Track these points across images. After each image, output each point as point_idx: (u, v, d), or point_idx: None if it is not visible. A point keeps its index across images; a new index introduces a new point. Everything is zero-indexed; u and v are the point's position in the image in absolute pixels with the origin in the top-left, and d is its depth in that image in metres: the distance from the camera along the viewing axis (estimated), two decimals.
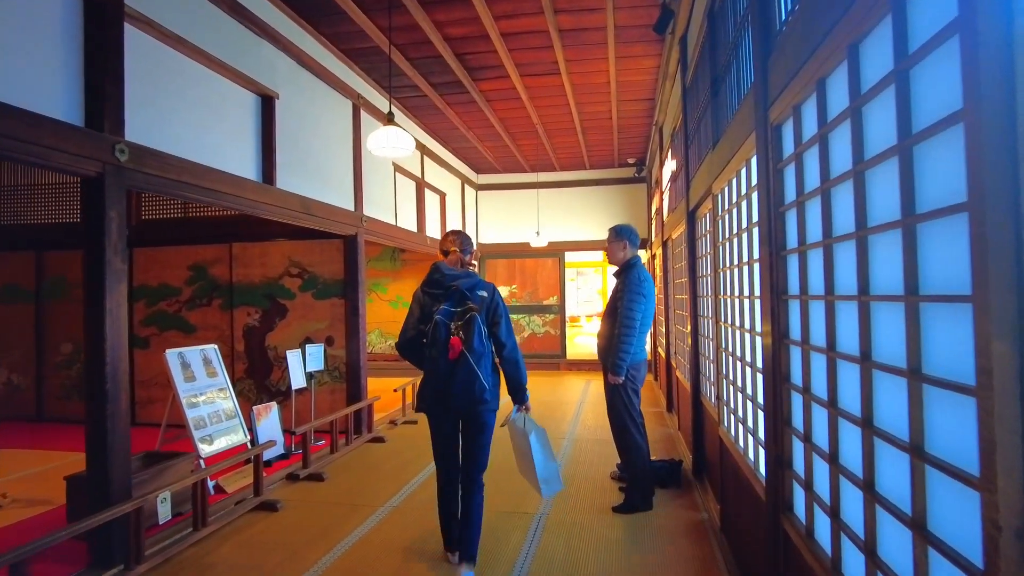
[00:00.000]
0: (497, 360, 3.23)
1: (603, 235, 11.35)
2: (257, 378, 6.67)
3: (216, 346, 5.09)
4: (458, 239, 3.40)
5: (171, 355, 4.60)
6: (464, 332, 3.03)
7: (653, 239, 9.67)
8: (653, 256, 9.45)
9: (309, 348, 5.95)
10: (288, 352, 5.63)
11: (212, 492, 4.43)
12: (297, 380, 5.71)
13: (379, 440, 6.16)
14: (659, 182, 8.37)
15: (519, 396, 3.26)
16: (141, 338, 7.01)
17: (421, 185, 8.68)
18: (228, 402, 4.98)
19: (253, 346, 6.69)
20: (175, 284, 6.94)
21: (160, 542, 3.56)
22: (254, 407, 5.25)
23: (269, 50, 5.01)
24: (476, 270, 3.51)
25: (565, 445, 5.90)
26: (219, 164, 4.33)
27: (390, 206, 7.55)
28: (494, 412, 3.20)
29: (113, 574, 3.19)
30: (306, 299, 6.55)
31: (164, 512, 3.28)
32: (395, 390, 7.45)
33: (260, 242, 6.74)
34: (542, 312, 11.56)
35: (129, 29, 3.59)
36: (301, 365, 5.83)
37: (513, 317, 11.50)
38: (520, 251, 11.51)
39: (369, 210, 6.73)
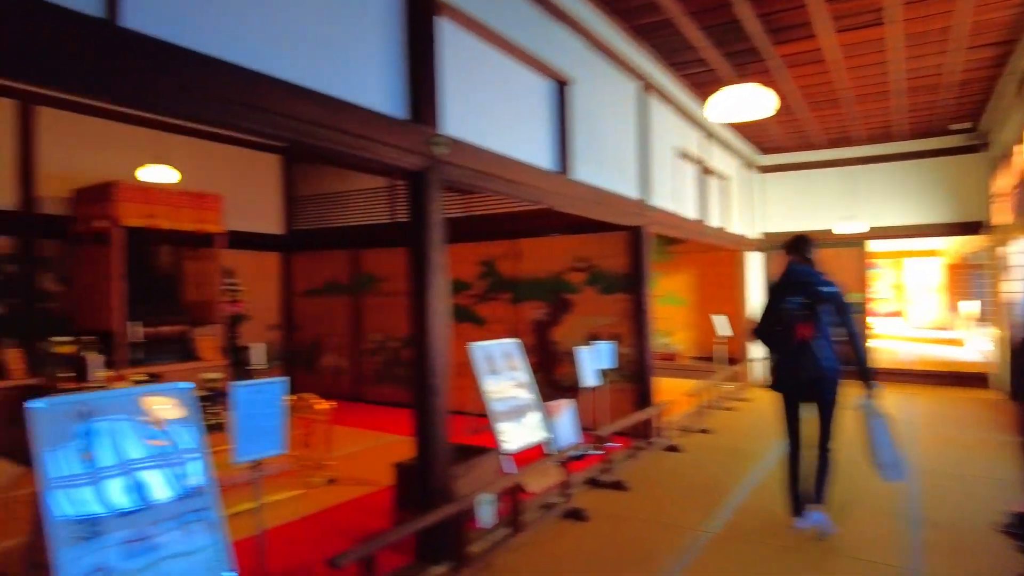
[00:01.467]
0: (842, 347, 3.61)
1: (919, 219, 9.47)
2: (544, 372, 6.62)
3: (518, 341, 5.04)
4: (804, 244, 3.91)
5: (476, 348, 4.62)
6: (811, 320, 3.60)
7: (997, 222, 7.69)
8: (1006, 243, 7.49)
9: (600, 344, 5.68)
10: (579, 348, 5.42)
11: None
12: (588, 378, 5.47)
13: (674, 449, 5.66)
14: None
15: (867, 379, 3.56)
16: None
17: (703, 170, 7.97)
18: (530, 397, 4.89)
19: (539, 340, 6.66)
20: (467, 279, 7.22)
21: (480, 543, 3.49)
22: (547, 403, 5.11)
23: (563, 33, 4.80)
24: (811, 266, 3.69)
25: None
26: (518, 155, 4.19)
27: (672, 193, 7.00)
28: (836, 390, 3.61)
29: (440, 572, 3.16)
30: (590, 294, 6.31)
31: (486, 515, 3.19)
32: (688, 394, 6.90)
33: (543, 237, 6.68)
34: None
35: (438, 19, 3.56)
36: (593, 362, 5.58)
37: None
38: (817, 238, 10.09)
39: (653, 199, 6.26)
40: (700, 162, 7.86)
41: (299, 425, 4.92)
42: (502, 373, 4.82)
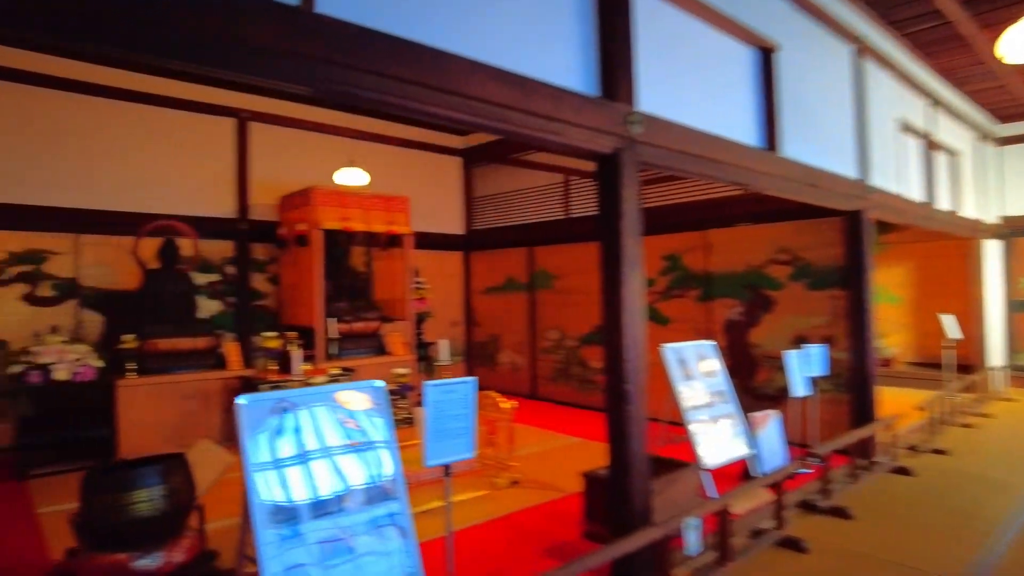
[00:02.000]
0: None
1: None
2: (740, 379, 6.00)
3: (714, 343, 4.55)
4: None
5: (668, 350, 4.21)
6: None
7: None
8: None
9: (810, 348, 4.98)
10: (787, 352, 4.77)
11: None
12: (797, 386, 4.80)
13: (903, 472, 4.80)
14: None
15: None
16: None
17: (930, 144, 6.79)
18: (728, 407, 4.39)
19: (734, 342, 6.05)
20: (649, 274, 6.78)
21: (683, 571, 3.10)
22: (749, 414, 4.56)
23: None
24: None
25: None
26: (719, 131, 3.71)
27: (895, 173, 6.00)
28: None
29: None
30: (797, 290, 5.59)
31: (692, 542, 2.80)
32: (915, 407, 5.89)
33: (737, 227, 6.05)
34: None
35: None
36: (802, 368, 4.90)
37: None
38: None
39: (873, 179, 5.38)
40: (926, 136, 6.71)
41: (483, 423, 4.84)
42: (697, 378, 4.36)
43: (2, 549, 3.56)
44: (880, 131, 5.68)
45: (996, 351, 8.45)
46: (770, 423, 4.71)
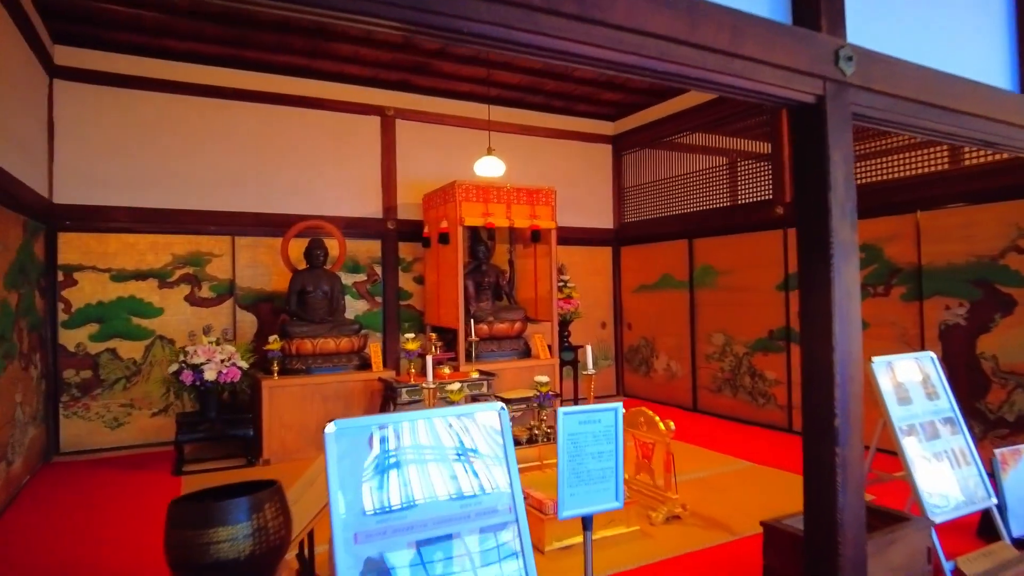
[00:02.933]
0: None
1: None
2: (961, 398, 4.76)
3: (934, 355, 3.52)
4: None
5: (879, 364, 3.27)
6: None
7: None
8: None
9: None
10: None
11: None
12: None
13: None
14: None
15: None
16: (798, 332, 6.03)
17: None
18: (959, 438, 3.35)
19: (954, 352, 4.82)
20: None
21: None
22: (998, 451, 3.46)
23: None
24: None
25: None
26: (958, 70, 2.73)
27: None
28: None
29: None
30: None
31: None
32: None
33: (960, 206, 4.81)
34: None
35: None
36: None
37: None
38: None
39: None
40: None
41: (637, 445, 4.16)
42: (916, 402, 3.36)
43: (147, 543, 3.51)
44: None
45: None
46: (1021, 460, 3.58)
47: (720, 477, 4.80)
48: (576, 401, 7.25)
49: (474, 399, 5.60)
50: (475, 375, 5.56)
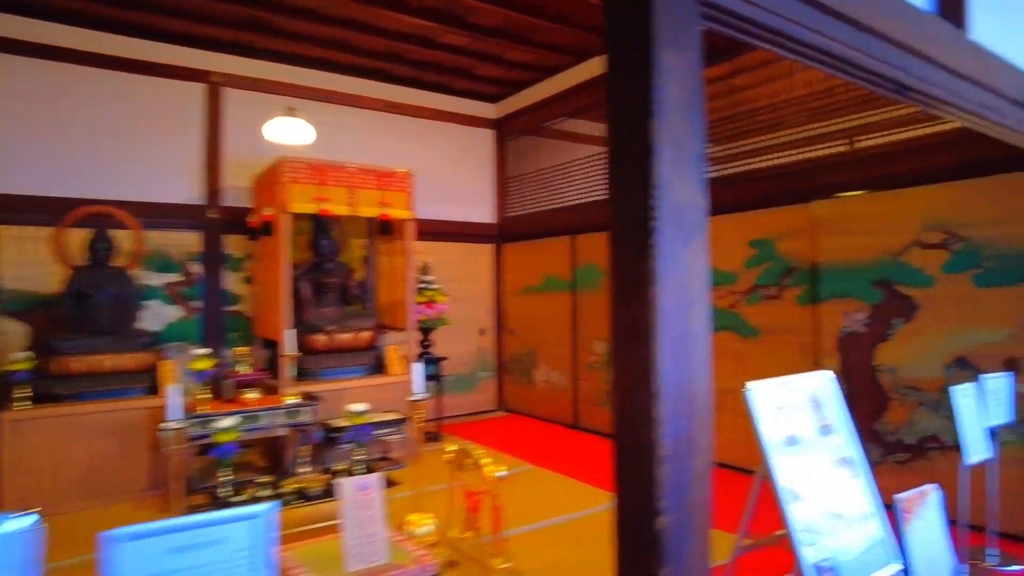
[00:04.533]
0: None
1: None
2: (860, 416, 4.09)
3: (832, 374, 2.72)
4: None
5: (755, 393, 2.43)
6: None
7: None
8: None
9: (990, 381, 3.07)
10: (955, 389, 2.87)
11: None
12: (973, 445, 2.91)
13: None
14: None
15: None
16: None
17: None
18: (859, 481, 2.56)
19: (853, 363, 4.14)
20: (728, 268, 4.94)
21: None
22: (899, 497, 2.70)
23: None
24: None
25: None
26: None
27: None
28: None
29: None
30: (956, 287, 3.65)
31: None
32: None
33: (860, 194, 4.14)
34: None
35: None
36: (978, 414, 3.00)
37: None
38: None
39: None
40: None
41: (465, 495, 3.20)
42: (805, 441, 2.55)
43: None
44: None
45: None
46: (927, 506, 2.85)
47: (587, 522, 3.91)
48: (436, 424, 6.24)
49: (296, 429, 4.50)
50: (292, 399, 4.46)
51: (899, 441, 3.90)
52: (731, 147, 4.96)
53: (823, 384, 2.76)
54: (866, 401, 4.06)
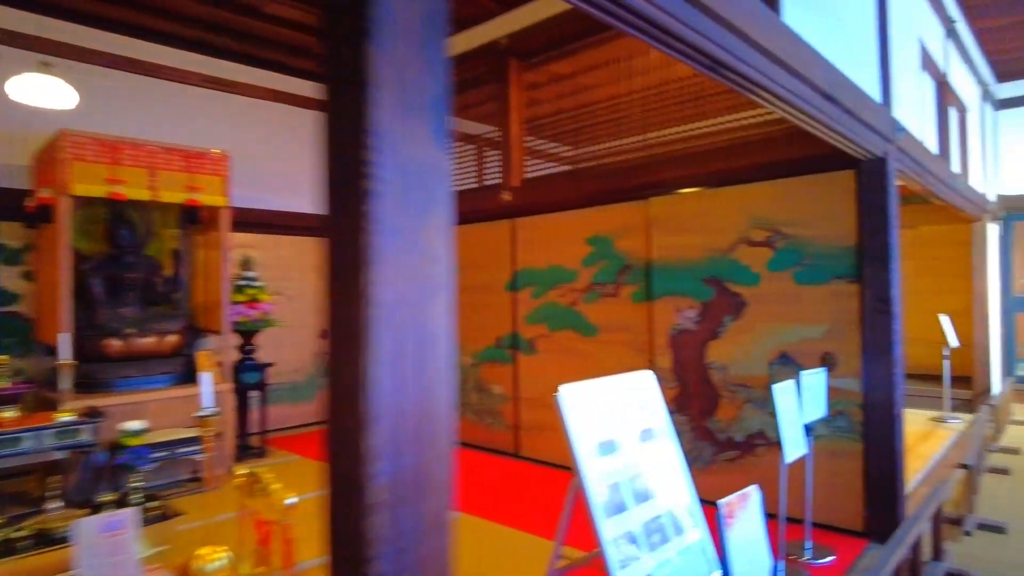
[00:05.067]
0: None
1: None
2: (693, 415, 4.08)
3: (652, 373, 2.56)
4: None
5: (569, 394, 2.21)
6: None
7: None
8: None
9: (808, 378, 3.09)
10: (777, 387, 2.84)
11: None
12: (792, 444, 2.89)
13: (941, 559, 2.96)
14: None
15: None
16: (526, 340, 5.09)
17: (944, 88, 5.07)
18: (681, 487, 2.42)
19: (685, 361, 4.12)
20: (569, 265, 4.80)
21: None
22: (723, 502, 2.61)
23: None
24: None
25: None
26: None
27: (917, 113, 4.22)
28: None
29: None
30: (780, 284, 3.70)
31: None
32: (961, 466, 4.09)
33: (694, 191, 4.13)
34: None
35: None
36: (796, 410, 3.00)
37: None
38: None
39: (898, 113, 3.55)
40: (943, 77, 4.98)
41: (254, 525, 2.74)
42: (622, 448, 2.37)
43: None
44: (903, 50, 3.86)
45: (995, 359, 6.88)
46: (748, 507, 2.80)
47: None
48: (255, 440, 5.62)
49: (76, 451, 3.77)
50: (66, 417, 3.73)
51: (730, 439, 3.91)
52: (575, 144, 4.84)
53: (644, 385, 2.59)
54: (699, 399, 4.05)
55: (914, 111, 4.14)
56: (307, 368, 6.72)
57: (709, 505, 3.49)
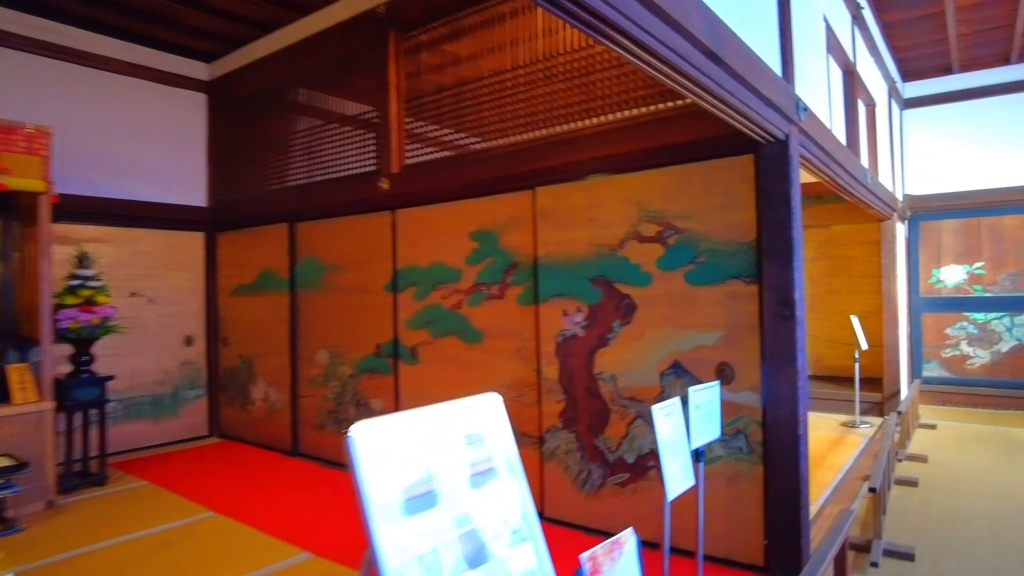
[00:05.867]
0: None
1: None
2: (581, 432, 3.60)
3: (499, 396, 2.02)
4: None
5: (364, 436, 1.64)
6: None
7: None
8: None
9: (698, 394, 2.63)
10: (656, 408, 2.37)
11: None
12: (676, 478, 2.42)
13: None
14: None
15: None
16: (407, 347, 4.51)
17: (853, 79, 4.80)
18: (526, 546, 1.89)
19: (573, 371, 3.64)
20: (453, 263, 4.26)
21: None
22: (585, 555, 2.10)
23: None
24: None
25: None
26: None
27: (823, 99, 3.89)
28: None
29: None
30: (672, 284, 3.26)
31: None
32: (870, 489, 3.77)
33: (583, 180, 3.65)
34: None
35: None
36: (683, 434, 2.54)
37: (981, 317, 6.82)
38: (996, 202, 6.74)
39: (802, 92, 3.16)
40: (851, 67, 4.70)
41: None
42: (446, 498, 1.83)
43: None
44: (806, 24, 3.49)
45: (903, 361, 6.78)
46: (622, 557, 2.31)
47: None
48: (99, 463, 4.80)
49: None
50: None
51: (620, 460, 3.45)
52: (457, 127, 4.28)
53: (485, 413, 2.02)
54: (587, 414, 3.57)
55: (820, 96, 3.80)
56: (172, 379, 5.93)
57: (600, 535, 2.94)
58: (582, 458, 3.57)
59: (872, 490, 2.97)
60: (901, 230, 6.93)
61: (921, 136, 7.20)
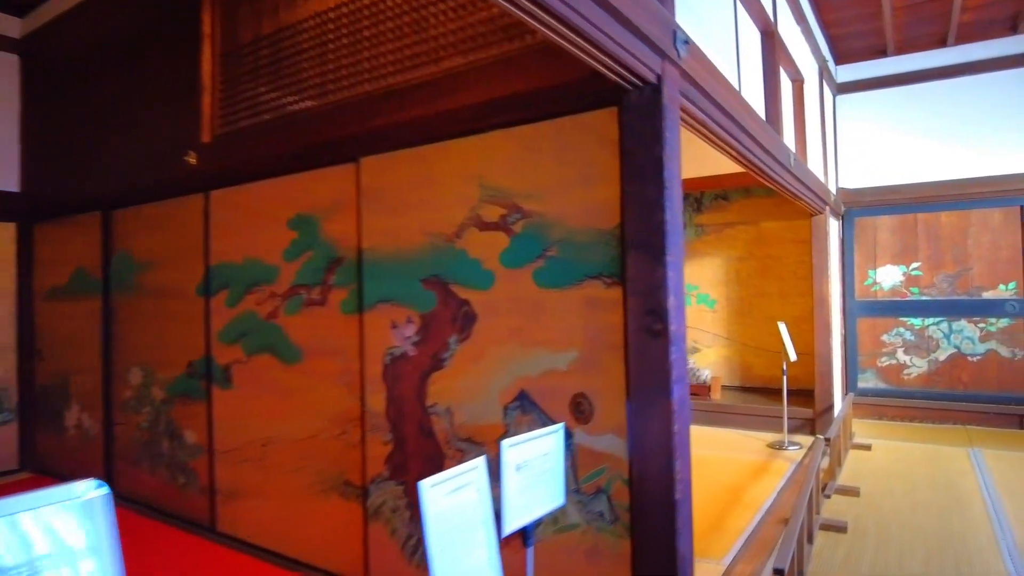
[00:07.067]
0: None
1: None
2: (410, 484, 2.70)
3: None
4: None
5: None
6: None
7: None
8: None
9: (510, 449, 1.77)
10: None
11: None
12: (479, 562, 1.56)
13: None
14: None
15: None
16: (221, 367, 3.55)
17: (773, 42, 4.05)
18: None
19: (403, 399, 2.75)
20: (269, 259, 3.32)
21: None
22: None
23: None
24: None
25: None
26: None
27: (728, 52, 3.11)
28: None
29: None
30: (518, 286, 2.40)
31: None
32: (775, 571, 2.98)
33: (413, 148, 2.75)
34: (983, 313, 6.04)
35: None
36: (487, 515, 1.67)
37: (918, 322, 6.23)
38: (933, 198, 6.15)
39: (689, 27, 2.35)
40: (771, 29, 3.95)
41: None
42: None
43: None
44: None
45: (836, 372, 6.14)
46: None
47: None
48: None
49: None
50: None
51: None
52: (274, 83, 3.34)
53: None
54: (417, 460, 2.68)
55: (721, 47, 3.01)
56: None
57: None
58: (411, 518, 2.68)
59: (778, 572, 2.16)
60: (835, 227, 6.30)
61: (855, 124, 6.60)
